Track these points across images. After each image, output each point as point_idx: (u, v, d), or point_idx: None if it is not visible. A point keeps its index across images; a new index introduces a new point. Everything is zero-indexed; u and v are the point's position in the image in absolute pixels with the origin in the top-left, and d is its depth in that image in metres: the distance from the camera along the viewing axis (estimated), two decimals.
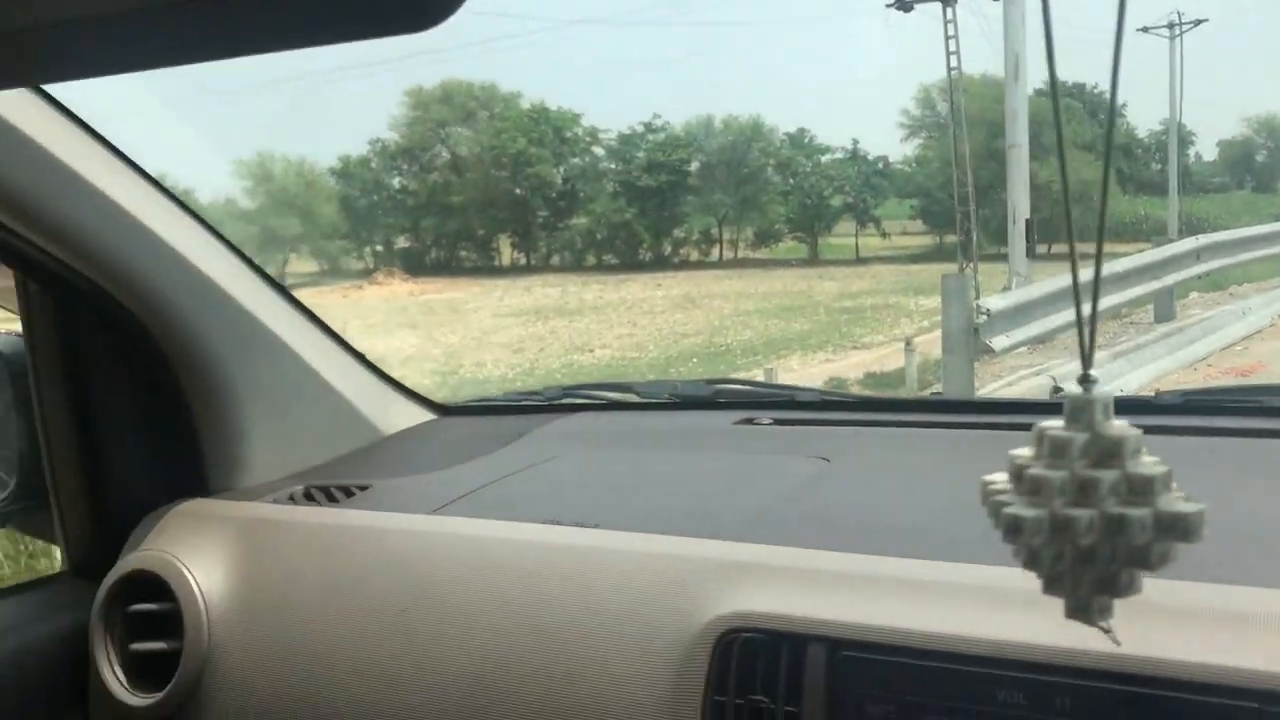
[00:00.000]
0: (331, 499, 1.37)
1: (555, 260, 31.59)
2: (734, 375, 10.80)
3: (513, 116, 31.29)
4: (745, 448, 1.49)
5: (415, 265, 29.62)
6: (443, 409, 1.75)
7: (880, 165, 33.33)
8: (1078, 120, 26.73)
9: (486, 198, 30.60)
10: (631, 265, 29.40)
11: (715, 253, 31.83)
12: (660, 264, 30.10)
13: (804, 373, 11.61)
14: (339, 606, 1.18)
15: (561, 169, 31.84)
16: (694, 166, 31.49)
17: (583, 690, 1.01)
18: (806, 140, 32.64)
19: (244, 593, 1.25)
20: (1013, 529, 0.52)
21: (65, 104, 1.19)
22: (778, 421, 1.56)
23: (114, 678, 1.27)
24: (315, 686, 1.16)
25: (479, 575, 1.12)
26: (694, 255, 31.60)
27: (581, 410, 1.74)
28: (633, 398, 1.77)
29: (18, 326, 1.39)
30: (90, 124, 1.21)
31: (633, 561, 1.06)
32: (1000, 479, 0.56)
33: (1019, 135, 12.08)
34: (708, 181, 30.98)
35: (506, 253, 32.62)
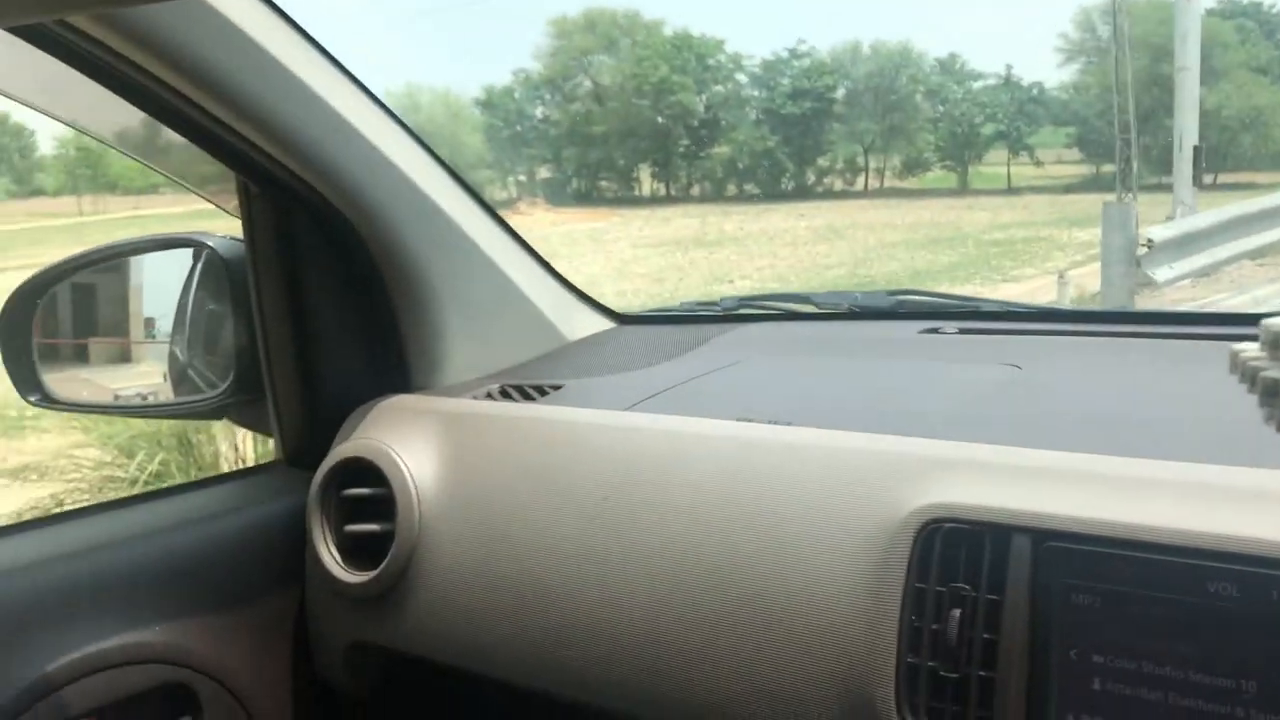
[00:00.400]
0: (527, 397, 1.43)
1: (695, 190, 31.34)
2: None
3: (655, 44, 30.98)
4: (933, 355, 1.49)
5: (557, 195, 29.82)
6: (621, 318, 1.80)
7: (1035, 92, 31.95)
8: (1253, 41, 25.18)
9: (628, 127, 30.49)
10: (773, 195, 28.98)
11: (860, 182, 31.14)
12: (803, 194, 29.61)
13: None
14: (541, 494, 1.22)
15: (704, 97, 31.47)
16: (840, 93, 30.71)
17: (788, 576, 1.03)
18: (958, 66, 31.56)
19: (451, 480, 1.31)
20: (1271, 391, 0.53)
21: (284, 9, 1.24)
22: (963, 331, 1.56)
23: (330, 556, 1.36)
24: (519, 570, 1.21)
25: (678, 467, 1.15)
26: (838, 185, 30.97)
27: (759, 320, 1.76)
28: (811, 308, 1.77)
29: (238, 233, 1.47)
30: (308, 31, 1.27)
31: (830, 457, 1.07)
32: (1251, 348, 0.57)
33: (1189, 58, 11.46)
34: (854, 109, 30.22)
35: (647, 183, 32.52)
